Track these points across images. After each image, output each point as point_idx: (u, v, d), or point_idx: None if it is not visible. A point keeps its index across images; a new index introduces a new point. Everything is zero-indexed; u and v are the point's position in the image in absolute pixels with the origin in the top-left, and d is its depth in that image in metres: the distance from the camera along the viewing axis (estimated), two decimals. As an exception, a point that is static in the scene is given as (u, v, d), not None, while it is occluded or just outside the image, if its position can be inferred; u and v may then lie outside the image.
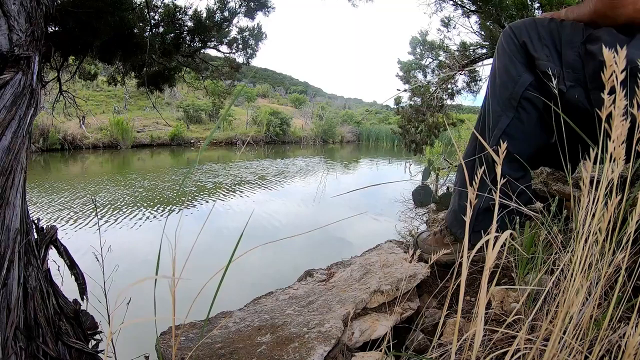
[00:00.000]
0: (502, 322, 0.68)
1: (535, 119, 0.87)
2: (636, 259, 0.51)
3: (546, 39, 0.82)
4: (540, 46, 0.83)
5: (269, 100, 21.32)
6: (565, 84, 0.78)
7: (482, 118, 0.97)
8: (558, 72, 0.78)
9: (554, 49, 0.81)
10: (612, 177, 0.36)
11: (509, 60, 0.88)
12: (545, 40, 0.82)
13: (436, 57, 4.41)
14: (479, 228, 0.94)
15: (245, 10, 2.75)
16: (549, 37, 0.82)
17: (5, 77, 0.77)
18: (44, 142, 8.30)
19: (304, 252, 2.64)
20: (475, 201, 0.35)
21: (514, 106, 0.87)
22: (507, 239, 0.31)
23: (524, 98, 0.86)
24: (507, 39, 0.89)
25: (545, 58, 0.81)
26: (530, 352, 0.43)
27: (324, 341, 0.70)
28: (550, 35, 0.82)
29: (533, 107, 0.86)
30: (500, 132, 0.89)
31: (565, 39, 0.80)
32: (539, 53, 0.82)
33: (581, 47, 0.77)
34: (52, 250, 0.95)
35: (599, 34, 0.75)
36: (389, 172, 7.56)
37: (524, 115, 0.87)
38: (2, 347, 0.65)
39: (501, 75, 0.91)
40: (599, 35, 0.75)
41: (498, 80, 0.91)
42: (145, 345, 1.12)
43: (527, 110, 0.87)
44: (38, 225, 0.92)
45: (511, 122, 0.88)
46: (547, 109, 0.84)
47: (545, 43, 0.82)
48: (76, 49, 2.10)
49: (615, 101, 0.34)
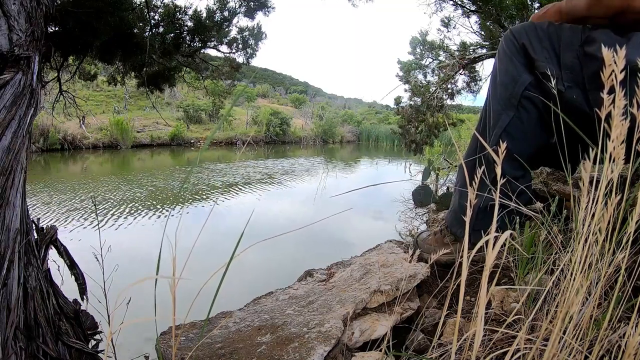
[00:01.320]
0: (502, 322, 0.68)
1: (536, 118, 0.88)
2: (636, 259, 0.51)
3: (545, 42, 0.84)
4: (539, 48, 0.84)
5: (269, 100, 21.32)
6: (564, 85, 0.80)
7: (483, 119, 0.98)
8: (557, 74, 0.80)
9: (553, 51, 0.83)
10: (612, 177, 0.36)
11: (510, 62, 0.89)
12: (544, 43, 0.84)
13: (436, 57, 4.42)
14: (479, 227, 0.94)
15: (245, 10, 2.75)
16: (548, 40, 0.84)
17: (5, 77, 0.77)
18: (44, 142, 8.29)
19: (304, 252, 2.64)
20: (475, 201, 0.35)
21: (514, 105, 0.88)
22: (507, 239, 0.31)
23: (524, 97, 0.87)
24: (508, 42, 0.91)
25: (544, 60, 0.83)
26: (530, 352, 0.43)
27: (324, 341, 0.70)
28: (549, 38, 0.84)
29: (533, 106, 0.87)
30: (500, 130, 0.90)
31: (563, 41, 0.81)
32: (538, 55, 0.84)
33: (579, 49, 0.78)
34: (52, 250, 0.95)
35: (596, 35, 0.76)
36: (389, 172, 7.56)
37: (524, 114, 0.88)
38: (2, 347, 0.65)
39: (502, 76, 0.92)
40: (597, 37, 0.76)
41: (499, 80, 0.93)
42: (145, 345, 1.12)
43: (527, 109, 0.88)
44: (38, 225, 0.92)
45: (511, 121, 0.89)
46: (546, 109, 0.85)
47: (544, 46, 0.84)
48: (76, 49, 2.10)
49: (615, 100, 0.34)
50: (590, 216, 0.39)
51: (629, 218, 0.39)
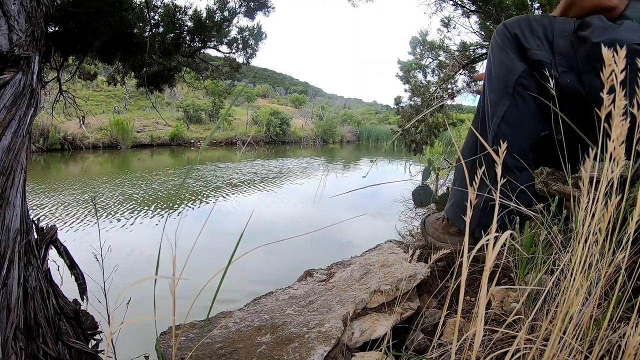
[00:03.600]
0: (502, 322, 0.68)
1: (532, 105, 0.89)
2: (636, 259, 0.51)
3: (538, 31, 0.85)
4: (532, 37, 0.86)
5: (269, 100, 21.31)
6: (558, 70, 0.81)
7: (479, 112, 1.00)
8: (550, 60, 0.82)
9: (546, 39, 0.84)
10: (612, 177, 0.36)
11: (503, 53, 0.91)
12: (537, 32, 0.85)
13: (436, 57, 4.41)
14: (485, 221, 0.95)
15: (245, 10, 2.75)
16: (541, 29, 0.85)
17: (5, 77, 0.77)
18: (44, 142, 8.29)
19: (304, 252, 2.64)
20: (476, 201, 0.35)
21: (510, 94, 0.89)
22: (507, 239, 0.31)
23: (519, 84, 0.88)
24: (500, 34, 0.92)
25: (537, 47, 0.84)
26: (530, 352, 0.43)
27: (324, 341, 0.70)
28: (542, 27, 0.85)
29: (528, 94, 0.88)
30: (498, 119, 0.91)
31: (557, 29, 0.83)
32: (530, 44, 0.85)
33: (572, 35, 0.80)
34: (52, 250, 0.95)
35: (589, 20, 0.78)
36: (389, 172, 7.56)
37: (520, 101, 0.89)
38: (2, 347, 0.65)
39: (496, 68, 0.93)
40: (590, 22, 0.78)
41: (494, 73, 0.94)
42: (145, 345, 1.12)
43: (523, 97, 0.89)
44: (38, 225, 0.92)
45: (508, 109, 0.90)
46: (543, 96, 0.86)
47: (537, 35, 0.85)
48: (76, 49, 2.10)
49: (615, 100, 0.34)
50: (590, 216, 0.39)
51: (629, 218, 0.39)
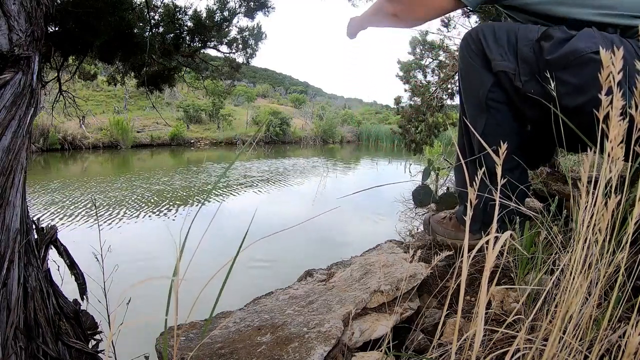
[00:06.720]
0: (502, 322, 0.68)
1: (507, 114, 0.90)
2: (636, 259, 0.51)
3: (502, 39, 0.84)
4: (495, 47, 0.85)
5: (269, 100, 21.31)
6: (521, 80, 0.81)
7: (461, 125, 1.02)
8: (514, 69, 0.82)
9: (510, 47, 0.83)
10: (611, 177, 0.36)
11: (470, 66, 0.91)
12: (501, 41, 0.84)
13: (436, 57, 4.41)
14: (488, 221, 0.97)
15: (245, 10, 2.75)
16: (505, 36, 0.84)
17: (5, 77, 0.77)
18: (44, 142, 8.29)
19: (304, 252, 2.64)
20: (476, 201, 0.35)
21: (484, 108, 0.91)
22: (507, 239, 0.31)
23: (490, 99, 0.89)
24: (467, 45, 0.91)
25: (500, 58, 0.84)
26: (530, 352, 0.43)
27: (324, 341, 0.70)
28: (506, 34, 0.84)
29: (501, 104, 0.89)
30: (480, 132, 0.93)
31: (520, 35, 0.82)
32: (494, 54, 0.85)
33: (535, 44, 0.80)
34: (52, 250, 0.95)
35: (551, 32, 0.78)
36: (389, 172, 7.56)
37: (496, 114, 0.90)
38: (2, 347, 0.65)
39: (466, 82, 0.95)
40: (552, 33, 0.77)
41: (466, 85, 0.95)
42: (145, 345, 1.12)
43: (497, 109, 0.90)
44: (38, 225, 0.92)
45: (487, 123, 0.91)
46: (513, 102, 0.88)
47: (501, 43, 0.84)
48: (76, 49, 2.10)
49: (613, 102, 0.34)
50: (590, 216, 0.39)
51: (629, 218, 0.39)
